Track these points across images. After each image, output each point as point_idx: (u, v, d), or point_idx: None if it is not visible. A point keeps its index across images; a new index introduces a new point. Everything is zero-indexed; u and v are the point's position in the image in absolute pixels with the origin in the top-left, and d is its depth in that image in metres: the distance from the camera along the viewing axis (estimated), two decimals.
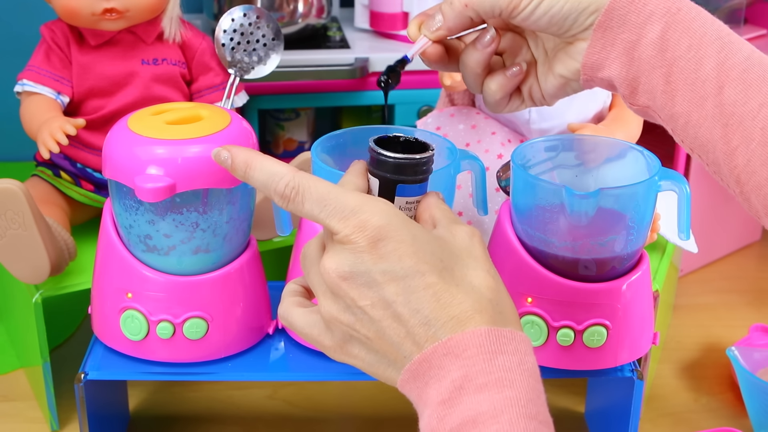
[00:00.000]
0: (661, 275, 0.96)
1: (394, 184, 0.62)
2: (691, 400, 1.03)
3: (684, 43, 0.63)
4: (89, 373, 0.84)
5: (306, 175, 0.59)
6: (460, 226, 0.61)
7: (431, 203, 0.63)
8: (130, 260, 0.82)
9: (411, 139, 0.63)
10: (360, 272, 0.57)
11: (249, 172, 0.60)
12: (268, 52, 1.02)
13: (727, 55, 0.62)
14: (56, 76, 0.97)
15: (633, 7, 0.64)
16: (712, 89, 0.62)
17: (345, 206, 0.57)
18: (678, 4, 0.64)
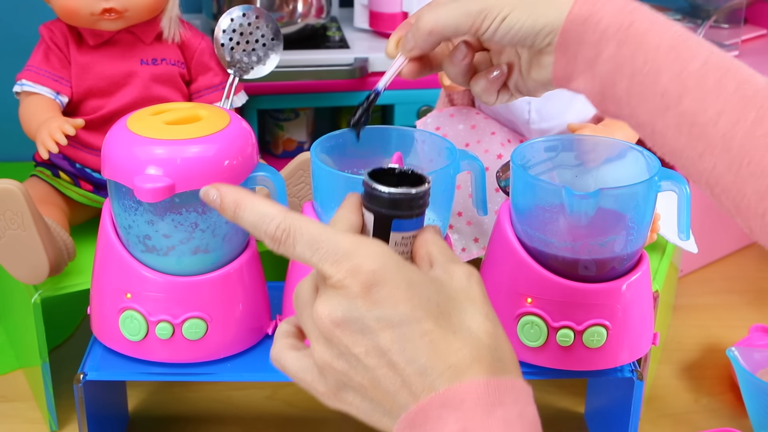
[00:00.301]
0: (661, 275, 0.96)
1: (390, 219, 0.60)
2: (691, 401, 1.03)
3: (639, 57, 0.63)
4: (88, 373, 0.84)
5: (297, 216, 0.57)
6: (458, 266, 0.59)
7: (428, 239, 0.61)
8: (129, 260, 0.82)
9: (407, 172, 0.62)
10: (353, 318, 0.55)
11: (239, 212, 0.58)
12: (267, 52, 1.02)
13: (683, 65, 0.62)
14: (55, 76, 0.97)
15: (587, 26, 0.65)
16: (672, 100, 0.62)
17: (338, 249, 0.55)
18: (631, 17, 0.64)
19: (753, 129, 0.60)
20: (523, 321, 0.82)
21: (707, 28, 1.24)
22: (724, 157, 0.61)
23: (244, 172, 0.80)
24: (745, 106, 0.60)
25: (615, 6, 0.64)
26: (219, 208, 0.60)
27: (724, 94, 0.61)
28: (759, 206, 0.60)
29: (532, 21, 0.66)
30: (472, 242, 0.96)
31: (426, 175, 0.61)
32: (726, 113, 0.60)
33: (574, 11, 0.65)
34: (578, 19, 0.65)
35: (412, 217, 0.61)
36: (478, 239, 0.96)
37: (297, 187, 0.96)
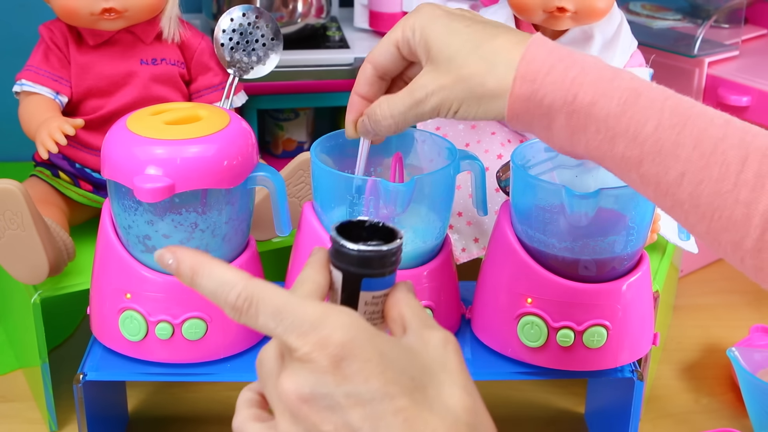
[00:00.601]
0: (661, 276, 0.96)
1: (359, 278, 0.57)
2: (692, 401, 1.03)
3: (591, 127, 0.63)
4: (88, 373, 0.84)
5: (260, 284, 0.54)
6: (433, 332, 0.56)
7: (400, 299, 0.58)
8: (129, 261, 0.82)
9: (378, 225, 0.58)
10: (322, 395, 0.51)
11: (196, 279, 0.55)
12: (267, 52, 1.02)
13: (636, 129, 0.62)
14: (55, 76, 0.97)
15: (531, 103, 0.64)
16: (632, 164, 0.62)
17: (304, 320, 0.52)
18: (573, 91, 0.63)
19: (718, 187, 0.60)
20: (523, 321, 0.82)
21: (707, 28, 1.24)
22: (694, 212, 0.61)
23: (244, 172, 0.80)
24: (707, 164, 0.60)
25: (555, 79, 0.63)
26: (175, 273, 0.56)
27: (684, 155, 0.60)
28: (735, 254, 0.61)
29: (483, 113, 0.67)
30: (472, 242, 0.96)
31: (398, 230, 0.58)
32: (688, 174, 0.60)
33: (515, 92, 0.64)
34: (521, 98, 0.64)
35: (383, 275, 0.58)
36: (478, 239, 0.96)
37: (297, 188, 0.96)
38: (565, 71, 0.63)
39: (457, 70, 0.67)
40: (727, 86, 1.21)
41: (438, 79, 0.67)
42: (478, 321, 0.87)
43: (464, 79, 0.66)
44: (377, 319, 0.59)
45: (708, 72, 1.23)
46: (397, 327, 0.58)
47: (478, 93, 0.66)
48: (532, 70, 0.64)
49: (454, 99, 0.67)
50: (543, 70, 0.64)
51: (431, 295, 0.83)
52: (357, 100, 0.75)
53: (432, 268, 0.83)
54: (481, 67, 0.66)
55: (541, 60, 0.64)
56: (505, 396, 1.03)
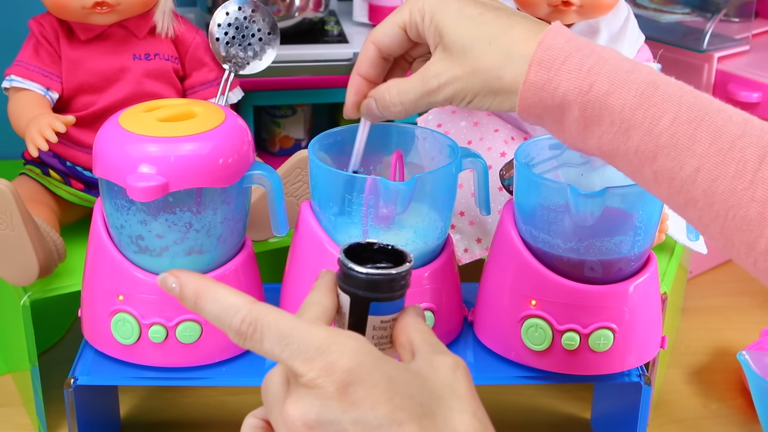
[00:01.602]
0: (669, 277, 0.96)
1: (367, 302, 0.58)
2: (701, 406, 1.03)
3: (605, 119, 0.63)
4: (79, 378, 0.84)
5: (265, 308, 0.55)
6: (442, 357, 0.56)
7: (409, 324, 0.58)
8: (122, 261, 0.82)
9: (387, 247, 0.59)
10: (328, 421, 0.52)
11: (200, 303, 0.56)
12: (263, 47, 1.02)
13: (651, 123, 0.61)
14: (45, 71, 0.97)
15: (545, 93, 0.64)
16: (646, 159, 0.62)
17: (309, 345, 0.53)
18: (589, 80, 0.63)
19: (734, 184, 0.59)
20: (527, 324, 0.82)
21: (717, 21, 1.24)
22: (708, 211, 0.61)
23: (240, 171, 0.80)
24: (723, 161, 0.60)
25: (571, 67, 0.63)
26: (178, 297, 0.57)
27: (699, 150, 0.60)
28: (749, 256, 0.61)
29: (498, 104, 0.67)
30: (474, 243, 0.96)
31: (407, 253, 0.58)
32: (704, 170, 0.60)
33: (530, 79, 0.64)
34: (534, 87, 0.64)
35: (392, 299, 0.58)
36: (480, 240, 0.96)
37: (294, 186, 0.96)
38: (582, 60, 0.63)
39: (473, 61, 0.66)
40: (737, 82, 1.21)
41: (452, 69, 0.67)
42: (481, 324, 0.87)
43: (480, 72, 0.66)
44: (386, 344, 0.60)
45: (717, 67, 1.23)
46: (406, 352, 0.58)
47: (495, 87, 0.66)
48: (548, 57, 0.64)
49: (469, 90, 0.67)
50: (559, 58, 0.64)
51: (432, 298, 0.83)
52: (359, 80, 0.75)
53: (433, 269, 0.83)
54: (497, 60, 0.66)
55: (558, 48, 0.64)
56: (508, 401, 1.03)
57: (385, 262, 0.58)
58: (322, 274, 0.60)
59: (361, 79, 0.75)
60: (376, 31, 0.73)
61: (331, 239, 0.82)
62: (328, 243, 0.82)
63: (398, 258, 0.59)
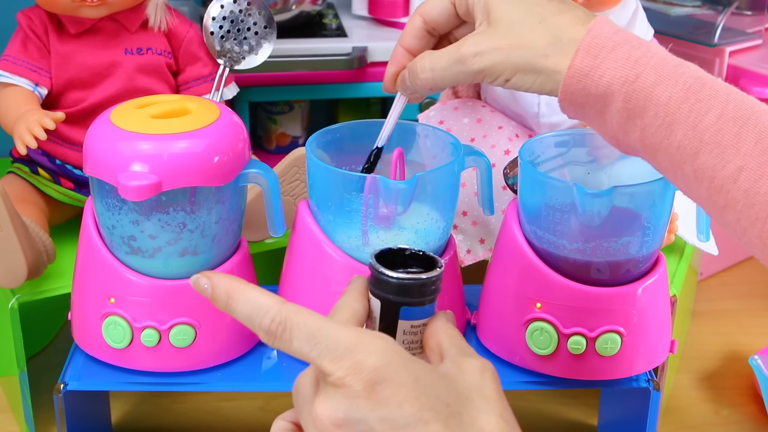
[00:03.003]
0: (679, 279, 0.96)
1: (398, 306, 0.60)
2: (711, 413, 1.03)
3: (650, 111, 0.63)
4: (69, 383, 0.84)
5: (295, 308, 0.57)
6: (470, 360, 0.58)
7: (439, 328, 0.61)
8: (113, 263, 0.82)
9: (418, 253, 0.61)
10: (355, 420, 0.54)
11: (231, 303, 0.58)
12: (259, 41, 1.02)
13: (697, 118, 0.62)
14: (34, 66, 0.97)
15: (589, 80, 0.65)
16: (688, 155, 0.63)
17: (338, 344, 0.55)
18: (636, 71, 0.64)
19: None
20: (532, 327, 0.82)
21: (728, 15, 1.24)
22: (748, 213, 0.61)
23: (235, 169, 0.80)
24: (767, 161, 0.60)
25: (619, 56, 0.64)
26: (210, 298, 0.59)
27: (744, 149, 0.61)
28: None
29: (539, 85, 0.67)
30: (477, 244, 0.97)
31: (438, 258, 0.60)
32: (747, 169, 0.60)
33: (575, 65, 0.65)
34: (579, 73, 0.65)
35: (422, 304, 0.60)
36: (484, 240, 0.97)
37: (291, 185, 0.96)
38: (629, 51, 0.64)
39: (518, 37, 0.67)
40: (749, 77, 1.21)
41: (492, 40, 0.68)
42: (484, 327, 0.88)
43: (525, 47, 0.67)
44: (416, 348, 0.62)
45: (729, 62, 1.23)
46: (435, 356, 0.60)
47: (539, 65, 0.67)
48: (596, 44, 0.65)
49: (509, 65, 0.68)
50: (607, 47, 0.65)
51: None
52: (401, 52, 0.76)
53: None
54: (545, 39, 0.66)
55: (606, 37, 0.65)
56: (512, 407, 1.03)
57: (416, 267, 0.60)
58: (354, 279, 0.62)
59: (403, 51, 0.75)
60: (425, 3, 0.74)
61: (330, 240, 0.82)
62: (327, 244, 0.82)
63: (429, 263, 0.61)
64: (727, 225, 0.63)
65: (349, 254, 0.81)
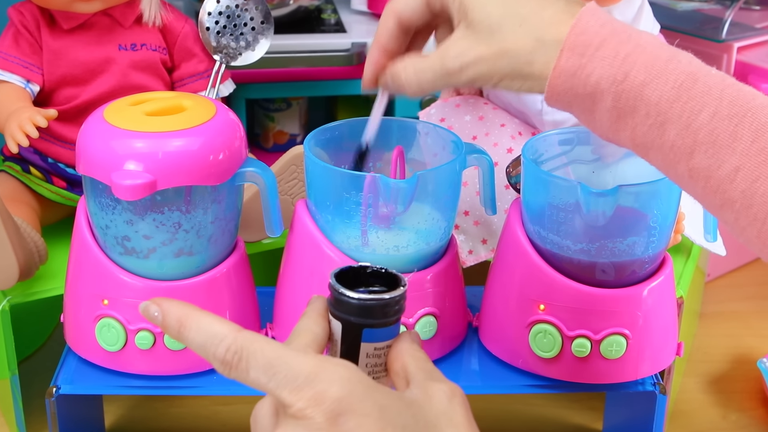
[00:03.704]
0: (685, 280, 0.96)
1: (360, 328, 0.58)
2: (719, 417, 1.03)
3: (640, 111, 0.62)
4: (61, 386, 0.84)
5: (251, 336, 0.55)
6: (438, 385, 0.57)
7: (404, 350, 0.59)
8: (107, 264, 0.82)
9: (380, 271, 0.59)
10: None
11: (183, 332, 0.57)
12: (256, 37, 1.02)
13: (690, 117, 0.61)
14: (25, 62, 0.97)
15: (576, 80, 0.63)
16: (682, 154, 0.62)
17: (298, 374, 0.53)
18: (624, 69, 0.62)
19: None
20: (535, 330, 0.82)
21: (736, 9, 1.24)
22: (746, 213, 0.60)
23: (232, 168, 0.80)
24: (765, 160, 0.59)
25: (606, 54, 0.63)
26: (161, 326, 0.58)
27: (740, 148, 0.60)
28: None
29: (527, 88, 0.67)
30: (479, 244, 0.97)
31: (402, 276, 0.59)
32: (744, 169, 0.60)
33: (561, 65, 0.64)
34: (565, 73, 0.64)
35: (386, 325, 0.58)
36: (486, 241, 0.97)
37: (289, 184, 0.96)
38: (617, 46, 0.63)
39: (500, 43, 0.66)
40: (757, 74, 1.21)
41: (476, 48, 0.67)
42: (487, 329, 0.88)
43: (509, 55, 0.66)
44: (380, 372, 0.60)
45: (737, 58, 1.23)
46: (401, 380, 0.58)
47: (524, 72, 0.66)
48: (581, 42, 0.63)
49: (495, 73, 0.67)
50: (594, 44, 0.63)
51: (435, 302, 0.84)
52: (377, 51, 0.75)
53: (436, 271, 0.84)
54: (528, 44, 0.65)
55: (592, 32, 0.63)
56: (515, 411, 1.03)
57: (378, 286, 0.59)
58: (313, 300, 0.61)
59: (380, 50, 0.74)
60: (397, 1, 0.73)
61: (328, 240, 0.82)
62: (325, 244, 0.82)
63: (392, 282, 0.59)
64: (725, 222, 0.63)
65: (348, 255, 0.81)
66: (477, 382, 0.86)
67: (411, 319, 0.83)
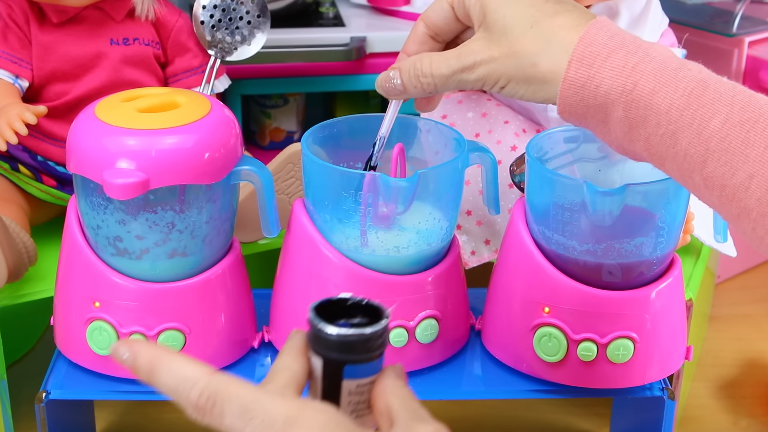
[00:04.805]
0: (695, 282, 0.96)
1: (341, 364, 0.57)
2: (730, 423, 1.03)
3: (651, 120, 0.63)
4: (51, 391, 0.84)
5: (226, 379, 0.55)
6: (423, 426, 0.55)
7: (387, 387, 0.58)
8: (98, 265, 0.82)
9: (361, 303, 0.58)
10: None
11: (155, 375, 0.56)
12: (252, 31, 1.02)
13: (701, 125, 0.62)
14: (14, 57, 0.97)
15: (586, 91, 0.65)
16: (696, 163, 0.62)
17: (275, 419, 0.52)
18: (633, 78, 0.64)
19: None
20: (539, 333, 0.82)
21: (747, 3, 1.24)
22: (763, 222, 0.61)
23: (227, 166, 0.80)
24: None
25: (614, 64, 0.64)
26: (131, 368, 0.57)
27: (753, 155, 0.60)
28: None
29: (531, 94, 0.68)
30: (482, 245, 0.97)
31: (384, 309, 0.58)
32: (757, 177, 0.60)
33: (569, 77, 0.65)
34: (575, 85, 0.65)
35: (368, 361, 0.57)
36: (489, 241, 0.97)
37: (286, 183, 0.96)
38: (625, 57, 0.64)
39: (510, 44, 0.68)
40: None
41: (489, 48, 0.69)
42: (490, 333, 0.88)
43: (516, 56, 0.68)
44: (363, 409, 0.59)
45: (748, 53, 1.23)
46: (384, 419, 0.58)
47: (528, 73, 0.67)
48: (589, 53, 0.65)
49: (502, 74, 0.69)
50: (602, 55, 0.65)
51: (436, 304, 0.84)
52: (404, 59, 0.76)
53: (437, 273, 0.84)
54: (534, 46, 0.67)
55: (601, 44, 0.65)
56: (519, 417, 1.03)
57: (360, 318, 0.58)
58: (292, 335, 0.60)
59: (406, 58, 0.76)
60: (427, 9, 0.75)
61: (327, 241, 0.82)
62: (323, 245, 0.82)
63: (374, 313, 0.58)
64: (743, 232, 0.63)
65: (346, 256, 0.82)
66: (480, 387, 0.86)
67: (411, 322, 0.83)
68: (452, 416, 1.04)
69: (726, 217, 0.64)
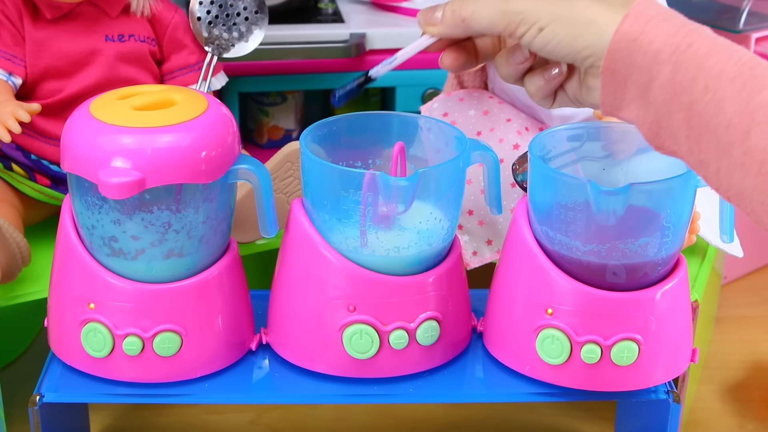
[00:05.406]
0: (701, 283, 0.96)
1: None
2: (736, 427, 1.03)
3: (699, 84, 0.64)
4: (45, 394, 0.84)
5: None
6: None
7: None
8: (93, 266, 0.82)
9: None
10: None
11: None
12: (250, 27, 1.02)
13: (750, 94, 0.62)
14: (7, 54, 0.97)
15: (636, 47, 0.65)
16: (738, 134, 0.62)
17: None
18: (689, 39, 0.64)
19: None
20: (542, 335, 0.82)
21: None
22: None
23: (224, 165, 0.80)
24: None
25: (670, 25, 0.65)
26: None
27: None
28: None
29: (571, 39, 0.68)
30: (484, 245, 0.97)
31: None
32: None
33: (622, 29, 0.65)
34: (626, 38, 0.65)
35: None
36: (491, 241, 0.97)
37: (284, 182, 0.96)
38: (681, 24, 0.65)
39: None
40: None
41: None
42: (492, 335, 0.88)
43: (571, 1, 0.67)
44: None
45: (755, 49, 1.23)
46: None
47: (576, 13, 0.67)
48: (647, 13, 0.65)
49: (547, 11, 0.68)
50: (659, 17, 0.65)
51: (438, 306, 0.84)
52: None
53: (438, 274, 0.84)
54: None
55: (657, 8, 0.66)
56: (522, 420, 1.03)
57: None
58: None
59: None
60: None
61: (326, 241, 0.82)
62: (322, 245, 0.82)
63: None
64: None
65: (346, 256, 0.82)
66: (481, 389, 0.86)
67: (412, 324, 0.83)
68: (454, 419, 1.04)
69: (759, 202, 0.63)
